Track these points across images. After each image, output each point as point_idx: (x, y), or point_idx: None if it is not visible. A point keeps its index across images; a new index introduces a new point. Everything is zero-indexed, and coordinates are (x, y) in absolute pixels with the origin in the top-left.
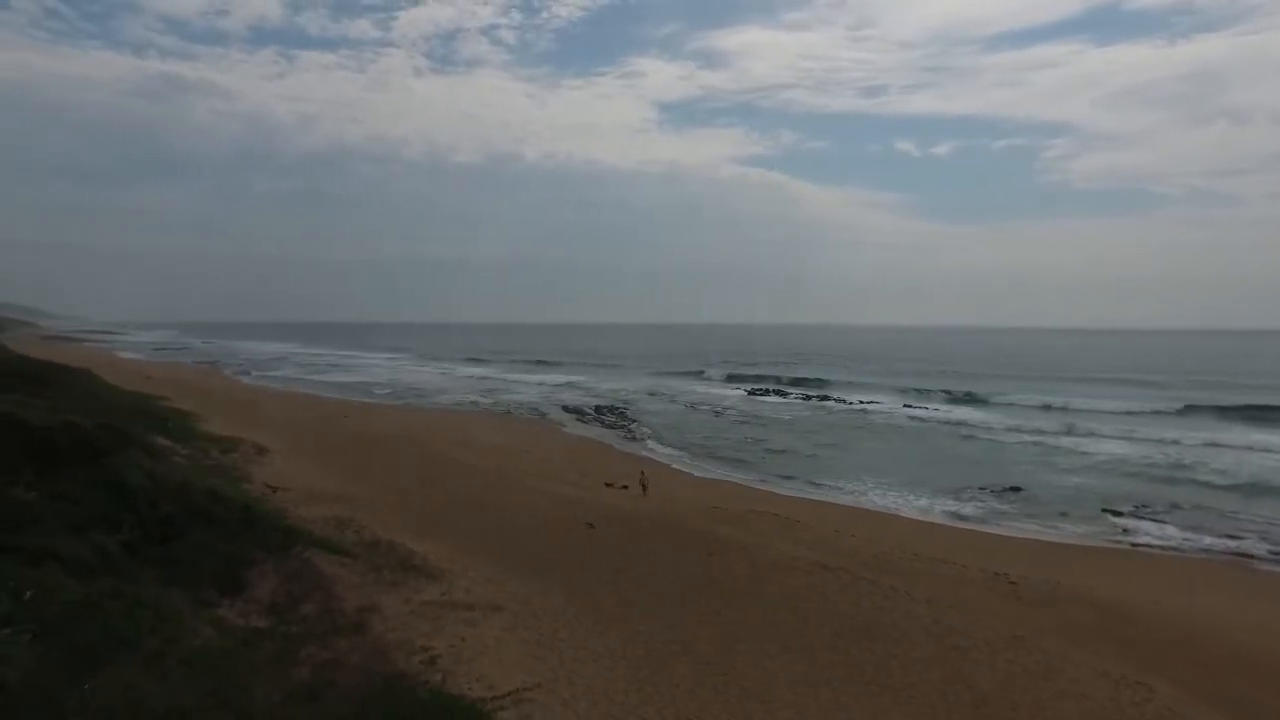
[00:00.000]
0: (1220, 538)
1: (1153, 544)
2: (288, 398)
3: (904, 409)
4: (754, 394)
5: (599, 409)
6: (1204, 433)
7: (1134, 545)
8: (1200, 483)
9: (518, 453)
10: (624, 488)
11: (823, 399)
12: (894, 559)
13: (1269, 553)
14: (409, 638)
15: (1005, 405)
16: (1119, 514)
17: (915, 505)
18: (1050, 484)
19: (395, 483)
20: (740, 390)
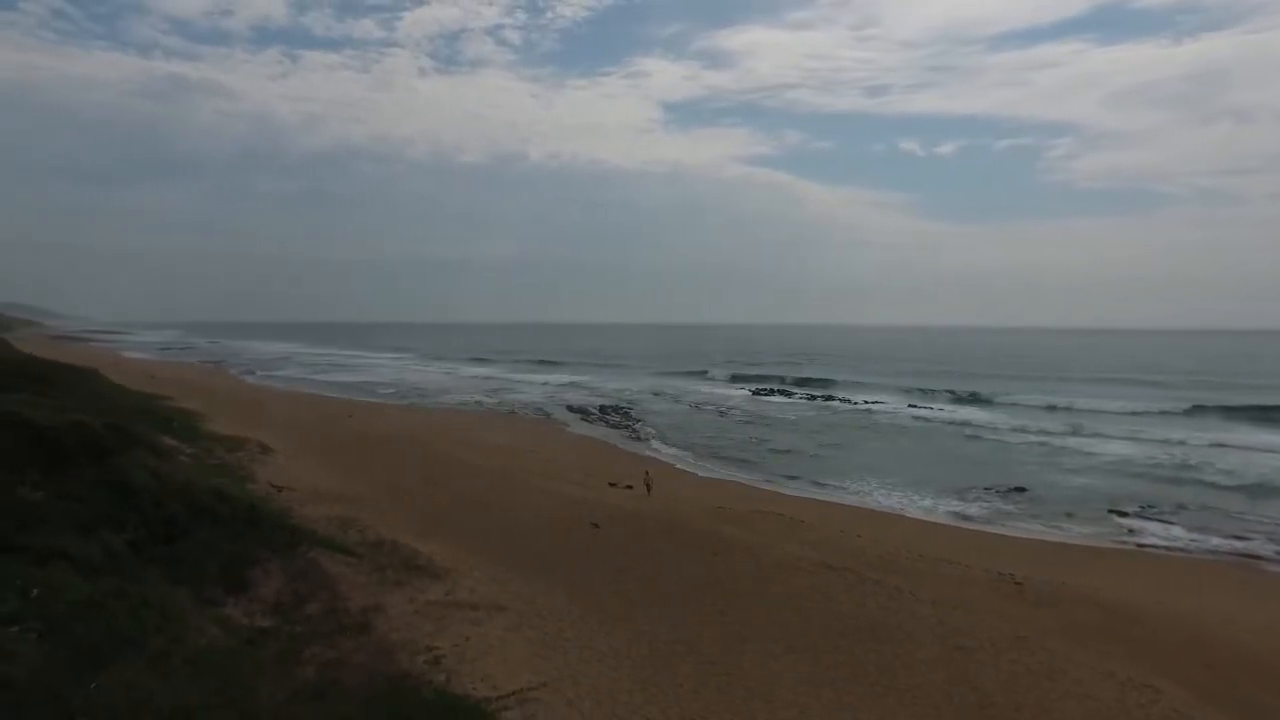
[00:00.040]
0: (1227, 538)
1: (1159, 545)
2: (292, 397)
3: (908, 409)
4: (758, 394)
5: (603, 409)
6: (1210, 433)
7: (1140, 546)
8: (1207, 483)
9: (522, 452)
10: (628, 488)
11: (827, 399)
12: (899, 559)
13: (1276, 553)
14: (413, 637)
15: (1010, 405)
16: (1125, 514)
17: (920, 505)
18: (1055, 484)
19: (400, 482)
20: (744, 390)
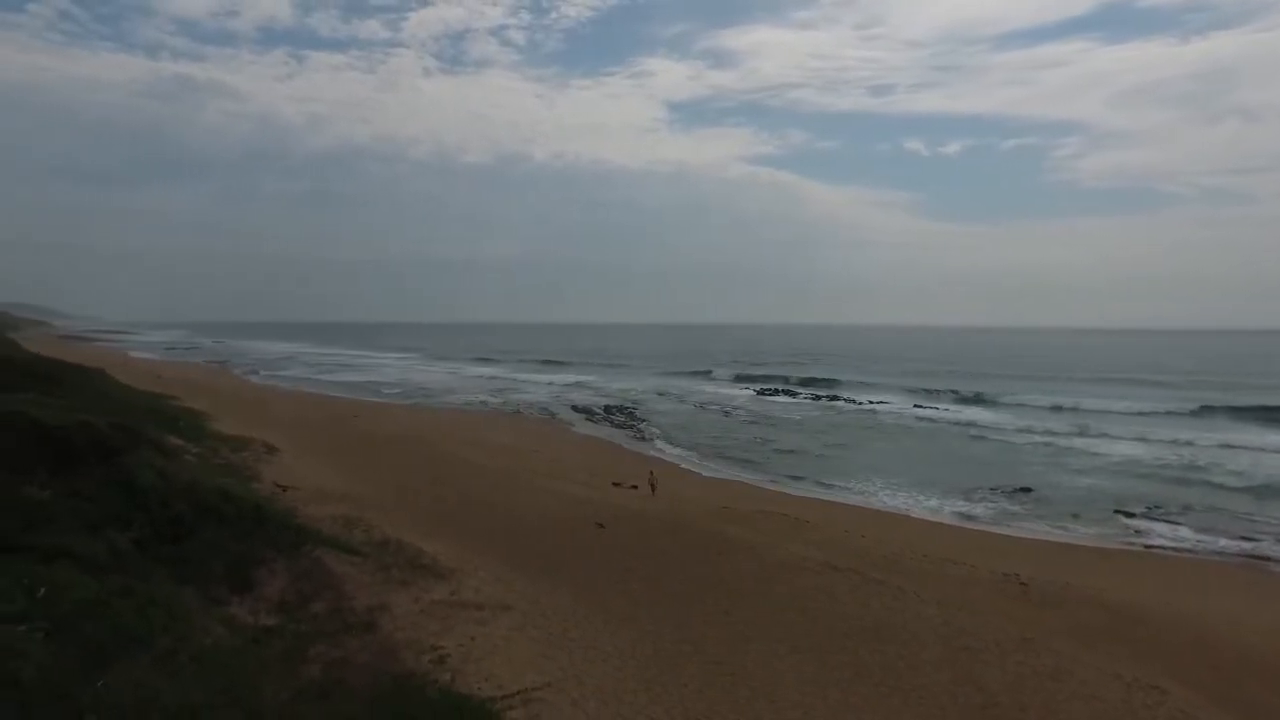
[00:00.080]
0: (1235, 540)
1: (1165, 545)
2: (297, 397)
3: (913, 409)
4: (763, 394)
5: (608, 409)
6: (1218, 434)
7: (1146, 547)
8: (1214, 484)
9: (527, 452)
10: (633, 487)
11: (832, 399)
12: (903, 560)
13: None
14: (418, 637)
15: (1015, 406)
16: (1131, 515)
17: (925, 506)
18: (1061, 485)
19: (404, 482)
20: (749, 390)
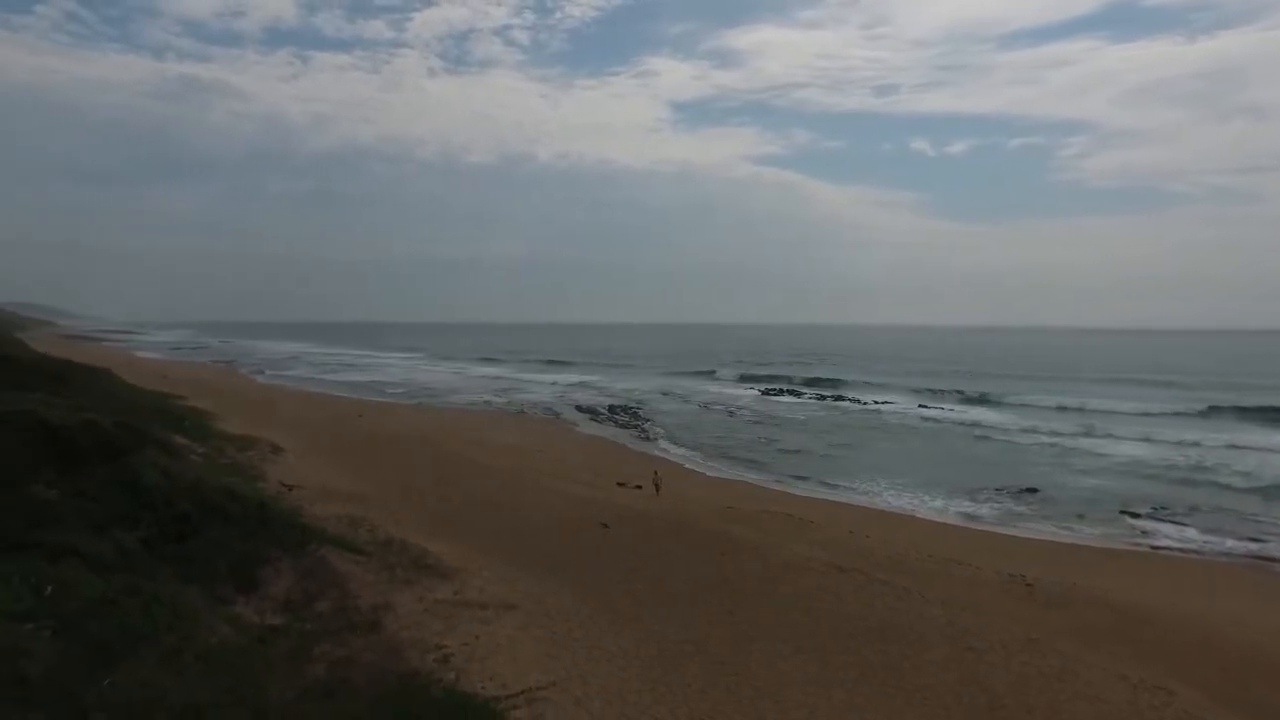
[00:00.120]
0: (1241, 540)
1: (1172, 546)
2: (302, 397)
3: (918, 409)
4: (767, 394)
5: (612, 409)
6: (1225, 434)
7: (1153, 547)
8: (1221, 485)
9: (531, 452)
10: (637, 487)
11: (836, 399)
12: (908, 560)
13: None
14: (422, 636)
15: (1020, 406)
16: (1137, 516)
17: (930, 506)
18: (1067, 485)
19: (409, 481)
20: (753, 390)
